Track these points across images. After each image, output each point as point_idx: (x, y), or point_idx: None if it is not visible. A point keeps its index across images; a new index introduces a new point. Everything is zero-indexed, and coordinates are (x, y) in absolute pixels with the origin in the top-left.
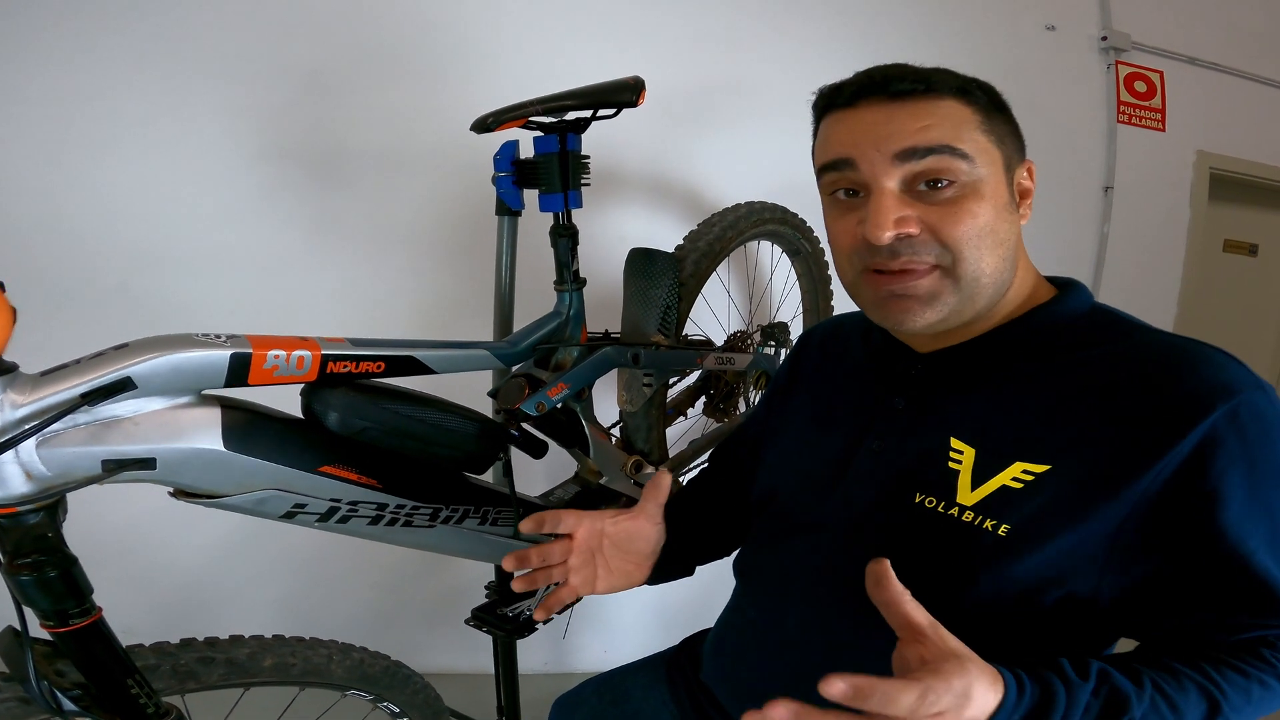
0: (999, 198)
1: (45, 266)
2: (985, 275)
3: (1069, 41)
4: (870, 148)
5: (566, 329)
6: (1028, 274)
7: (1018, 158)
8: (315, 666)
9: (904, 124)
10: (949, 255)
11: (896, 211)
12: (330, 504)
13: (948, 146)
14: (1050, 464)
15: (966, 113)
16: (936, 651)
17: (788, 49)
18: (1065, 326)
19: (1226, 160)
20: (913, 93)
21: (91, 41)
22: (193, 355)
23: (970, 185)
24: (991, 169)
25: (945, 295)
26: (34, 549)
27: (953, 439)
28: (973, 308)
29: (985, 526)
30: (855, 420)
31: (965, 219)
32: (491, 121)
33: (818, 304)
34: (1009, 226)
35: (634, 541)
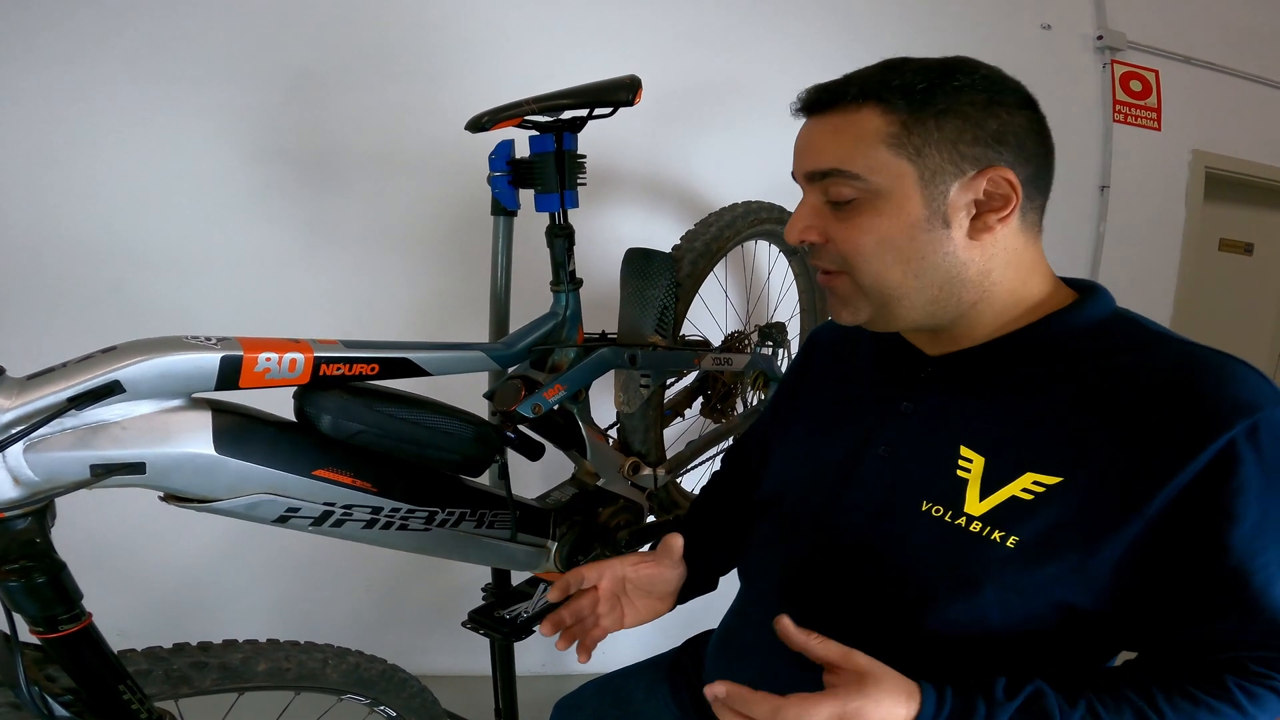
0: (905, 213)
1: (40, 268)
2: (892, 287)
3: (1064, 41)
4: (796, 166)
5: (563, 330)
6: (1037, 280)
7: (962, 168)
8: (310, 671)
9: (810, 144)
10: (846, 264)
11: (804, 221)
12: (324, 508)
13: (835, 170)
14: (1062, 476)
15: (876, 124)
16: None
17: (784, 48)
18: (1083, 334)
19: (1222, 159)
20: (823, 106)
21: (85, 42)
22: (182, 358)
23: (867, 201)
24: (896, 183)
25: (857, 300)
26: (22, 554)
27: (962, 447)
28: (900, 316)
29: (993, 538)
30: (862, 423)
31: (854, 233)
32: (486, 121)
33: (815, 304)
34: (922, 243)
35: (655, 585)
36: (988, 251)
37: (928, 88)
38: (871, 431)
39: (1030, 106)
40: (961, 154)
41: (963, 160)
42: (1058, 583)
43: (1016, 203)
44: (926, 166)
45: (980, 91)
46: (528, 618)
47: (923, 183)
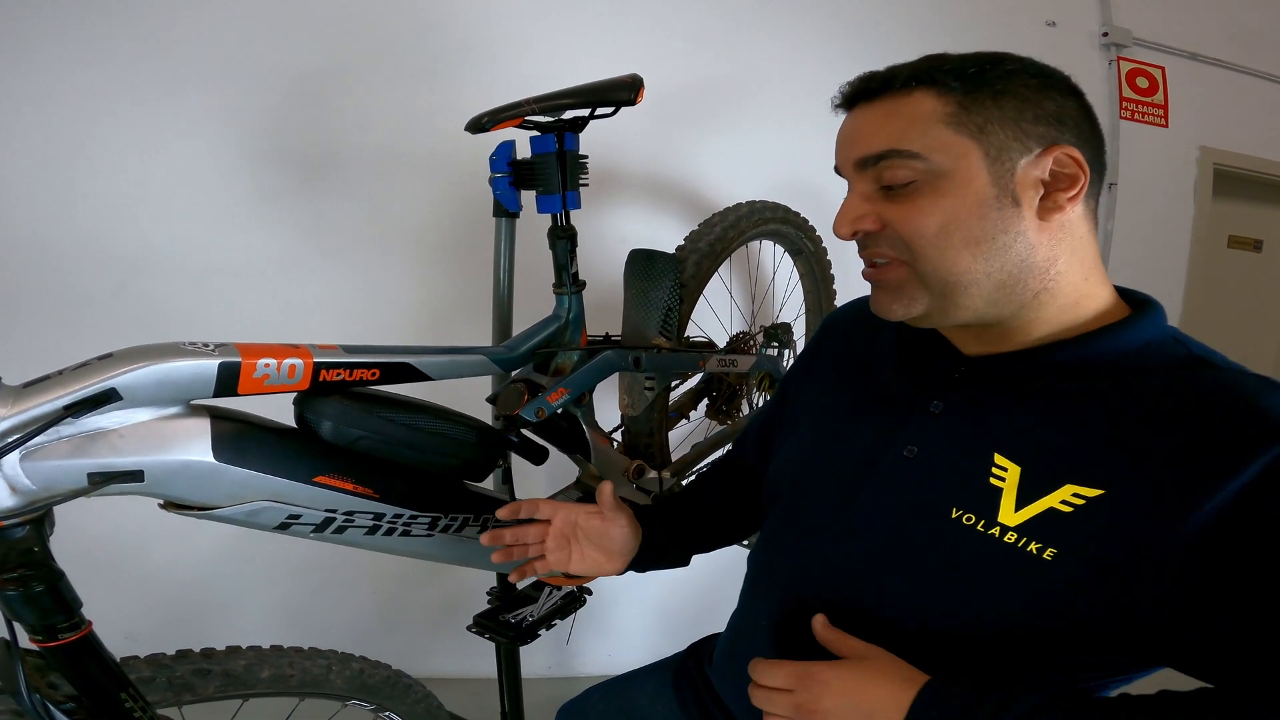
0: (971, 193)
1: (42, 273)
2: (959, 274)
3: (1069, 38)
4: (841, 157)
5: (566, 333)
6: (1093, 276)
7: (1028, 145)
8: (314, 677)
9: (859, 131)
10: (907, 251)
11: (856, 211)
12: (326, 515)
13: (892, 151)
14: (1104, 489)
15: (932, 105)
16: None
17: (787, 47)
18: (1132, 350)
19: (1230, 156)
20: (873, 93)
21: (85, 47)
22: (179, 365)
23: (928, 183)
24: (959, 163)
25: (912, 291)
26: (20, 563)
27: (996, 454)
28: (962, 306)
29: (1030, 550)
30: (886, 418)
31: (916, 216)
32: (487, 121)
33: (820, 304)
34: (992, 223)
35: (603, 540)
36: (1055, 236)
37: (979, 70)
38: (895, 430)
39: (1080, 95)
40: (1025, 131)
41: (1027, 137)
42: (1094, 597)
43: (1085, 181)
44: (991, 143)
45: (1032, 75)
46: (533, 621)
47: (988, 160)
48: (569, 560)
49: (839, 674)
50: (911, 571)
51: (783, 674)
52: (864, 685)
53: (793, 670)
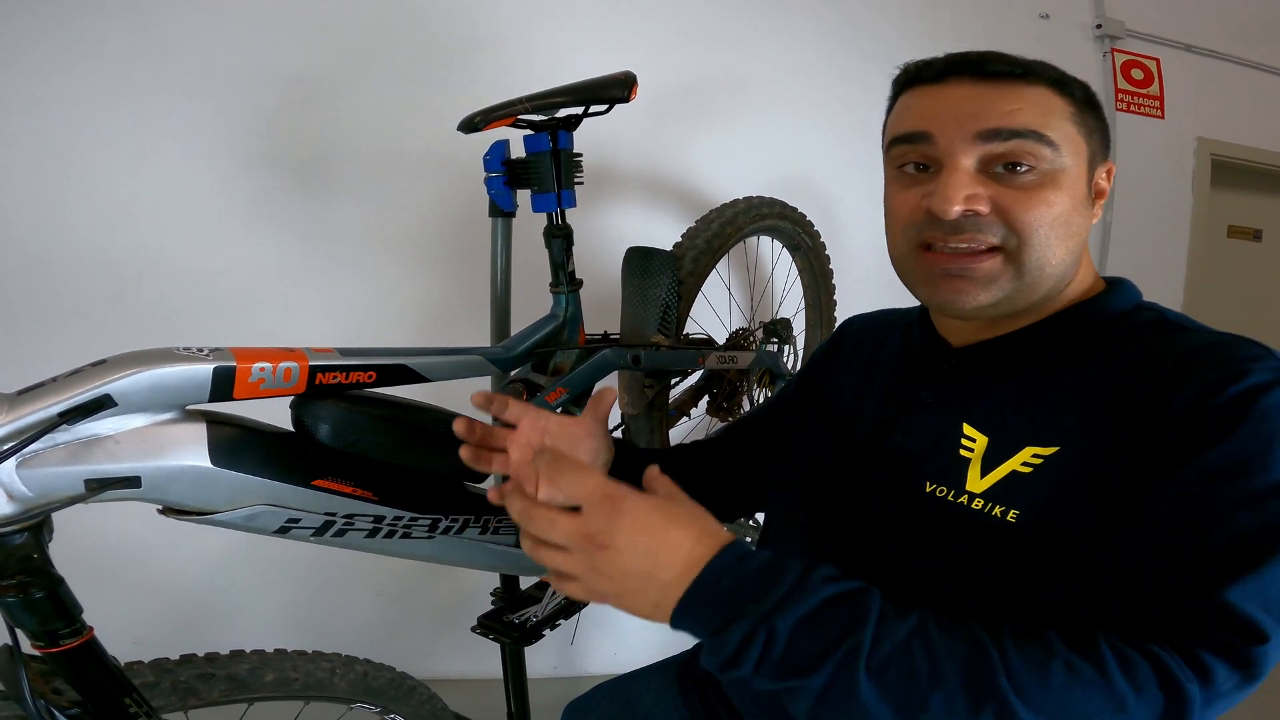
0: (1077, 191)
1: (38, 278)
2: (1051, 265)
3: (1063, 30)
4: (951, 124)
5: (563, 332)
6: (1087, 271)
7: (1101, 156)
8: (318, 681)
9: (993, 104)
10: (1015, 239)
11: (968, 188)
12: (325, 518)
13: (1035, 132)
14: (1059, 446)
15: (1060, 103)
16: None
17: (782, 41)
18: (1103, 323)
19: (1227, 146)
20: (1007, 75)
21: (78, 50)
22: (173, 370)
23: (1050, 174)
24: (1075, 161)
25: (1003, 280)
26: (19, 570)
27: (965, 425)
28: (1028, 296)
29: (994, 514)
30: (881, 415)
31: (1040, 206)
32: (479, 121)
33: (820, 299)
34: (1082, 221)
35: (574, 447)
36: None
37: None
38: (889, 424)
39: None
40: (1101, 144)
41: (1102, 150)
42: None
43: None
44: (1090, 150)
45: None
46: (537, 621)
47: (1089, 164)
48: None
49: (644, 507)
50: (903, 549)
51: (582, 491)
52: (667, 526)
53: (594, 489)
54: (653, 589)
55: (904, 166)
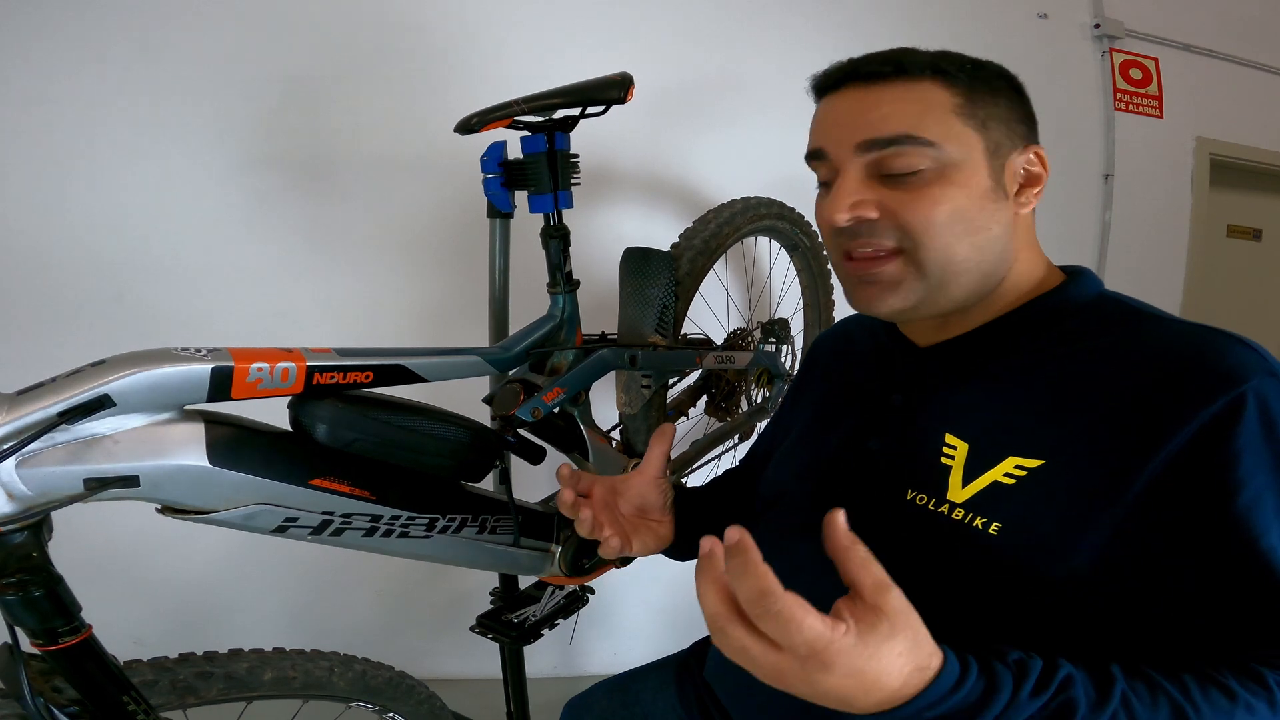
0: (975, 184)
1: (40, 279)
2: (956, 263)
3: (1062, 30)
4: (835, 139)
5: (561, 332)
6: (1035, 263)
7: (1015, 143)
8: (317, 679)
9: (868, 111)
10: (909, 240)
11: (855, 195)
12: (323, 517)
13: (907, 136)
14: (1044, 459)
15: (940, 96)
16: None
17: (778, 40)
18: (1068, 315)
19: (1226, 146)
20: (881, 75)
21: (79, 51)
22: (172, 370)
23: (937, 171)
24: (966, 153)
25: (909, 281)
26: (18, 568)
27: (947, 434)
28: (948, 296)
29: (975, 525)
30: (854, 420)
31: (927, 205)
32: (476, 122)
33: (818, 299)
34: (989, 214)
35: (645, 496)
36: (1019, 227)
37: (975, 66)
38: (862, 427)
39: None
40: (1013, 129)
41: (1014, 135)
42: (1046, 569)
43: (1045, 179)
44: (990, 138)
45: (1006, 79)
46: (536, 621)
47: (988, 153)
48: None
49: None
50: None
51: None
52: (878, 675)
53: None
54: (840, 707)
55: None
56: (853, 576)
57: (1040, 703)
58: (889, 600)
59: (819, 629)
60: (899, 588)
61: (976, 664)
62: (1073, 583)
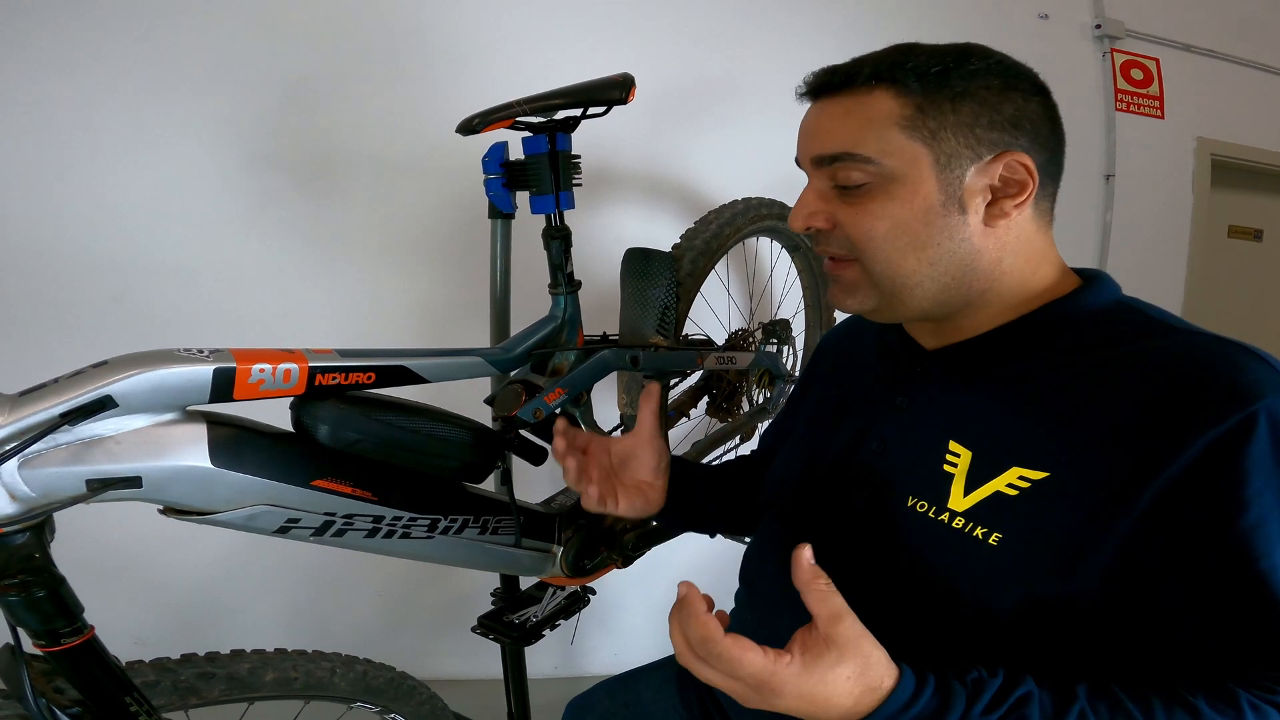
0: (919, 199)
1: (41, 279)
2: (904, 276)
3: (1062, 30)
4: (801, 150)
5: (562, 333)
6: (1043, 268)
7: (979, 152)
8: (318, 680)
9: (820, 127)
10: (856, 251)
11: (810, 207)
12: (325, 518)
13: (845, 154)
14: (1048, 471)
15: (885, 107)
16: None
17: (779, 40)
18: (1081, 322)
19: (1227, 146)
20: (835, 87)
21: (79, 50)
22: (174, 371)
23: (879, 185)
24: (910, 168)
25: (864, 288)
26: (21, 569)
27: (951, 441)
28: (907, 306)
29: (975, 535)
30: (858, 420)
31: (865, 220)
32: (477, 123)
33: (819, 299)
34: (938, 228)
35: (638, 457)
36: (1002, 239)
37: (942, 70)
38: (866, 428)
39: (1044, 94)
40: (978, 138)
41: (979, 144)
42: (1042, 582)
43: (1033, 189)
44: (942, 150)
45: (995, 76)
46: (537, 621)
47: (938, 166)
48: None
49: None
50: (878, 564)
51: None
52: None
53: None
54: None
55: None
56: (811, 608)
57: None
58: (839, 630)
59: (760, 663)
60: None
61: (934, 681)
62: (1071, 597)
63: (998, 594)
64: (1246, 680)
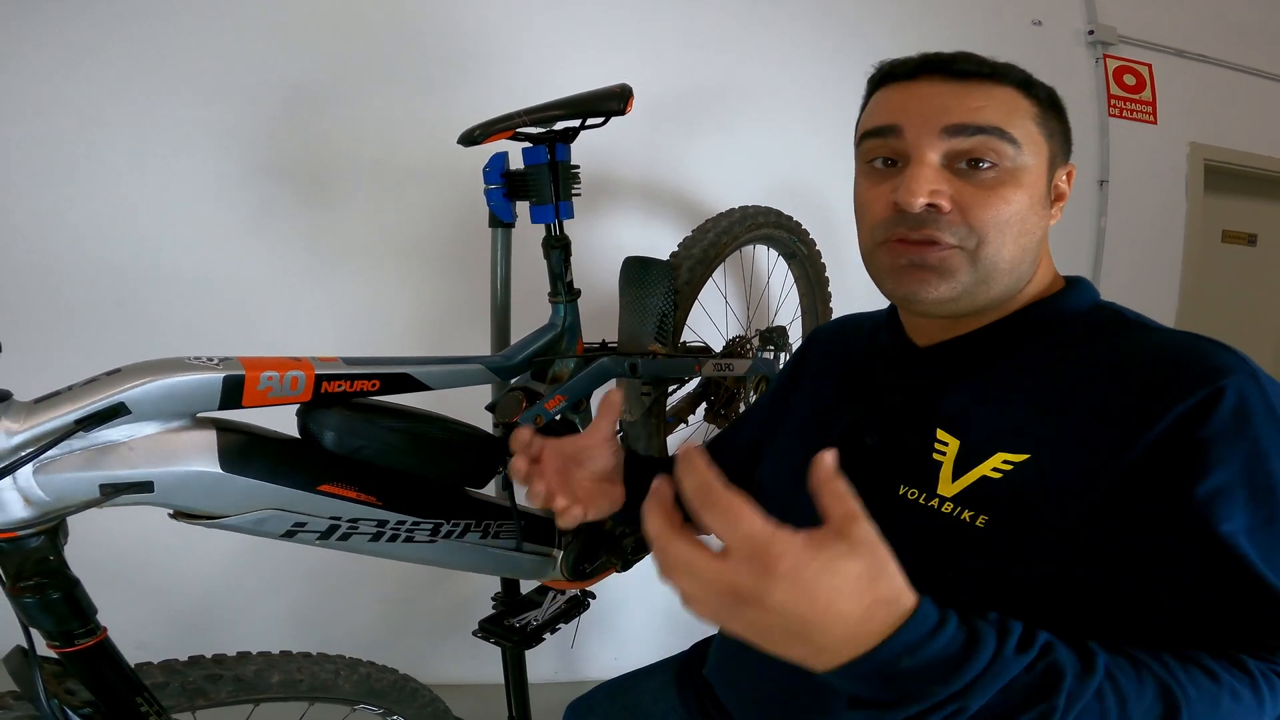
0: (1036, 190)
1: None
2: (1004, 262)
3: (1056, 36)
4: (920, 118)
5: (562, 341)
6: (1046, 272)
7: (1062, 158)
8: (323, 682)
9: (960, 100)
10: (974, 238)
11: (933, 183)
12: (330, 522)
13: (998, 129)
14: (1029, 453)
15: (1024, 103)
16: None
17: (775, 50)
18: (1064, 322)
19: (1220, 151)
20: (976, 75)
21: (82, 58)
22: (185, 379)
23: (1011, 171)
24: (1036, 160)
25: (962, 273)
26: (36, 572)
27: (939, 430)
28: (985, 293)
29: (963, 518)
30: (853, 417)
31: (998, 203)
32: (479, 134)
33: (816, 306)
34: (1038, 221)
35: (592, 460)
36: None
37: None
38: (861, 424)
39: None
40: (1063, 147)
41: (1064, 153)
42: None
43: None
44: (1051, 150)
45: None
46: (538, 625)
47: (1049, 165)
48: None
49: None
50: None
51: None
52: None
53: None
54: (803, 648)
55: (873, 161)
56: (825, 507)
57: (1026, 660)
58: (855, 528)
59: (759, 522)
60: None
61: (956, 616)
62: (1058, 575)
63: (985, 576)
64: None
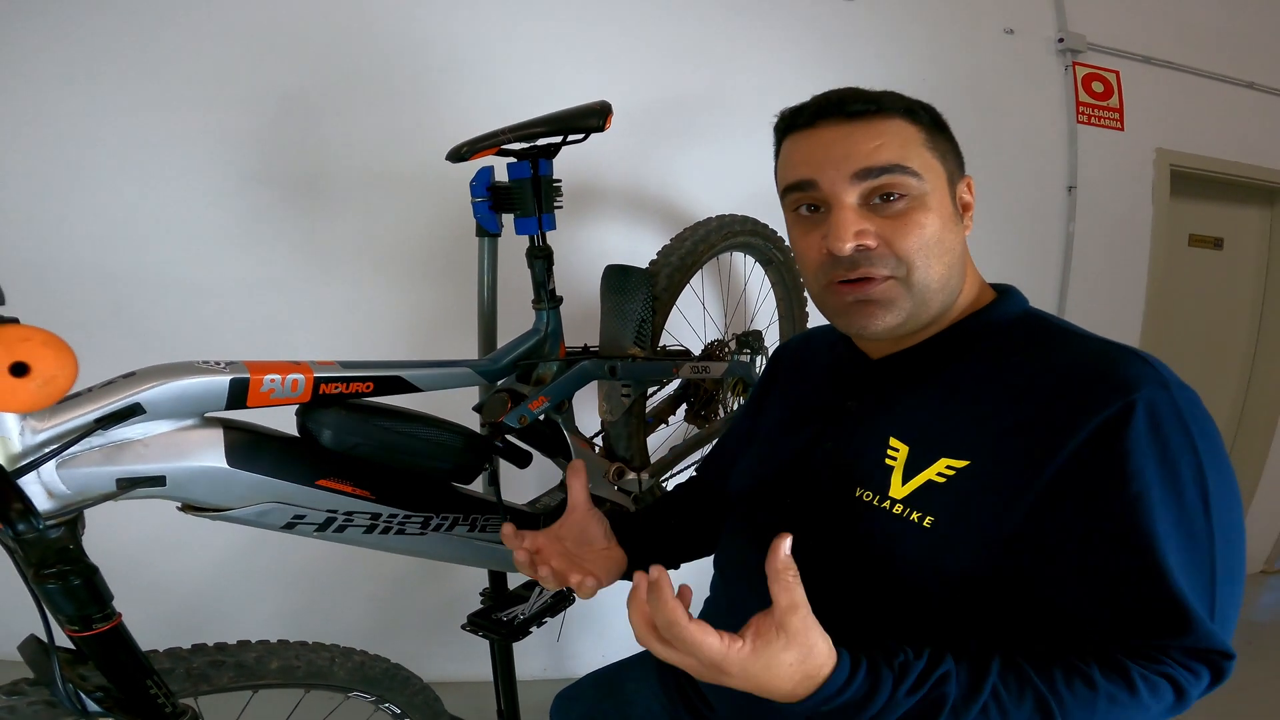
0: (944, 210)
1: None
2: (934, 281)
3: (1027, 45)
4: (830, 167)
5: (545, 345)
6: (974, 281)
7: (958, 174)
8: (319, 669)
9: (859, 144)
10: (903, 267)
11: (856, 225)
12: (327, 515)
13: (899, 165)
14: (970, 459)
15: (912, 131)
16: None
17: (754, 61)
18: (997, 331)
19: (1186, 157)
20: (865, 113)
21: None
22: (196, 381)
23: (918, 199)
24: (936, 184)
25: (901, 300)
26: (58, 560)
27: (891, 438)
28: (926, 312)
29: (912, 518)
30: (814, 424)
31: (914, 229)
32: (466, 151)
33: (793, 310)
34: (954, 237)
35: (585, 531)
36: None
37: (924, 106)
38: (820, 431)
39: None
40: (956, 163)
41: (958, 167)
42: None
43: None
44: (946, 170)
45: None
46: (524, 619)
47: (948, 184)
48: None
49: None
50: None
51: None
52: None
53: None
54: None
55: (799, 209)
56: (775, 595)
57: (915, 699)
58: (792, 620)
59: (716, 647)
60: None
61: (866, 667)
62: (992, 573)
63: (931, 572)
64: (1134, 651)
